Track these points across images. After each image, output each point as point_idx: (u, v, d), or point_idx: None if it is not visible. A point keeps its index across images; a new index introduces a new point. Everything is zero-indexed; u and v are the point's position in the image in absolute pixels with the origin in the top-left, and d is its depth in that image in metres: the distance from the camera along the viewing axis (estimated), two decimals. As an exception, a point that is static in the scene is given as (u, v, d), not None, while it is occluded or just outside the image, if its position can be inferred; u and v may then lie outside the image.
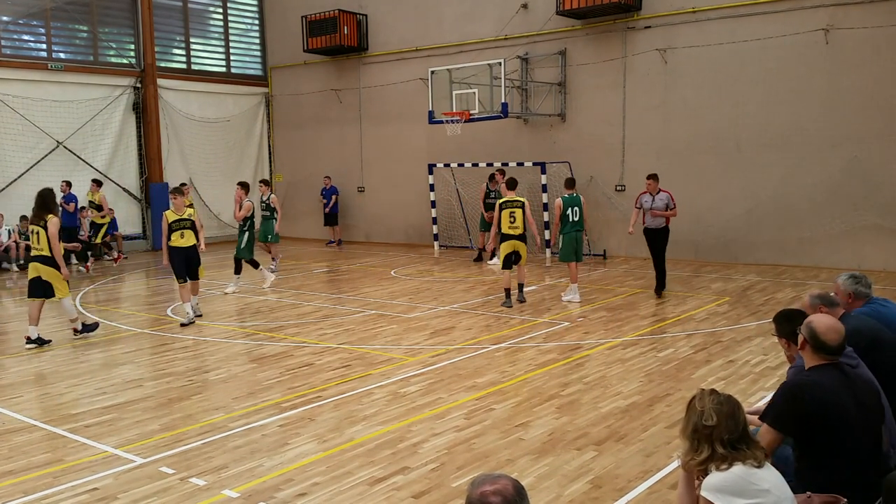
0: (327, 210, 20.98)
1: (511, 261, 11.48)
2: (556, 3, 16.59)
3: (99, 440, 6.05)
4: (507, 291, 11.51)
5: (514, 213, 11.44)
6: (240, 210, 13.46)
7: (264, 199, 15.02)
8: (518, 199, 11.62)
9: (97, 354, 9.07)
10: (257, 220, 14.43)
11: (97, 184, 17.83)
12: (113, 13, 20.42)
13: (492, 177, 16.49)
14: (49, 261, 9.40)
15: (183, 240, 10.80)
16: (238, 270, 13.63)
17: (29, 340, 9.42)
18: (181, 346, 9.43)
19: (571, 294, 11.81)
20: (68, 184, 17.27)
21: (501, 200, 11.69)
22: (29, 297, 9.57)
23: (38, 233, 9.41)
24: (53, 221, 9.33)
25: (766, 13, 14.78)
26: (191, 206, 11.52)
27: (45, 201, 9.53)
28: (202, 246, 11.04)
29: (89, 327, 10.05)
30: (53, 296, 9.53)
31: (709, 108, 15.61)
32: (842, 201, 14.29)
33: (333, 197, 20.94)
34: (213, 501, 4.90)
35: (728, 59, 15.26)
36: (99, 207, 17.74)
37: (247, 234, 13.51)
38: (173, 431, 6.23)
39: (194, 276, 11.05)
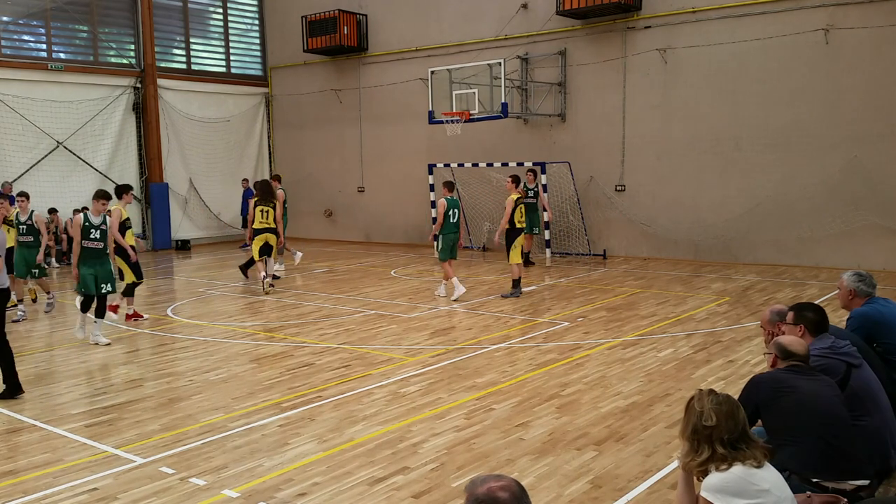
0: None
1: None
2: (556, 3, 16.59)
3: (99, 440, 6.05)
4: (516, 282, 12.23)
5: (523, 209, 12.40)
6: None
7: (23, 219, 11.49)
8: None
9: (97, 354, 9.07)
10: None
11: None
12: (113, 13, 20.42)
13: (531, 171, 15.56)
14: (274, 231, 13.27)
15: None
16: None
17: (268, 283, 13.17)
18: (181, 346, 9.43)
19: (442, 289, 12.31)
20: None
21: (516, 197, 12.26)
22: (260, 256, 13.27)
23: (267, 211, 13.20)
24: (279, 205, 13.37)
25: (766, 13, 14.78)
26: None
27: (269, 188, 13.58)
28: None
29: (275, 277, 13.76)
30: (271, 254, 13.60)
31: (709, 108, 15.61)
32: (842, 201, 14.28)
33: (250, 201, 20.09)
34: (213, 501, 4.90)
35: (728, 59, 15.26)
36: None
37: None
38: (173, 431, 6.23)
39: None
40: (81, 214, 9.52)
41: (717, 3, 15.28)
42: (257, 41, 23.65)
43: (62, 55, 19.53)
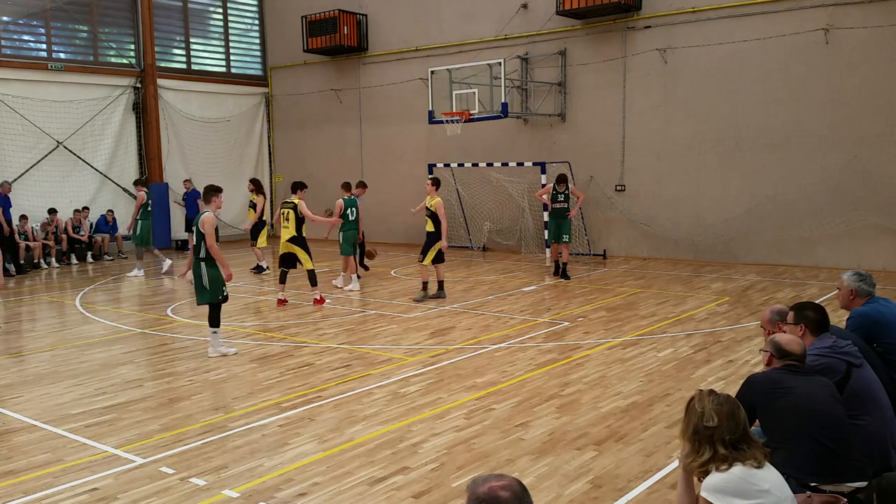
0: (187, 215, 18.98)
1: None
2: (556, 3, 16.59)
3: (99, 440, 6.05)
4: (426, 284, 12.24)
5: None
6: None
7: None
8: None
9: (97, 354, 9.07)
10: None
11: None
12: (113, 13, 20.41)
13: (562, 178, 14.18)
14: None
15: None
16: None
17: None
18: (181, 346, 9.43)
19: (353, 284, 13.31)
20: None
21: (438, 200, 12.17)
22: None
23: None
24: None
25: (766, 13, 14.78)
26: None
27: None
28: None
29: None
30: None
31: (709, 108, 15.61)
32: (842, 201, 14.28)
33: (198, 201, 18.91)
34: (213, 501, 4.90)
35: (728, 59, 15.26)
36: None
37: None
38: (173, 431, 6.23)
39: None
40: (211, 214, 8.76)
41: (717, 3, 15.28)
42: (257, 41, 23.64)
43: (62, 55, 19.52)
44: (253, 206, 16.03)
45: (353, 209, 13.47)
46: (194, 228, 8.81)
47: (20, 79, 18.11)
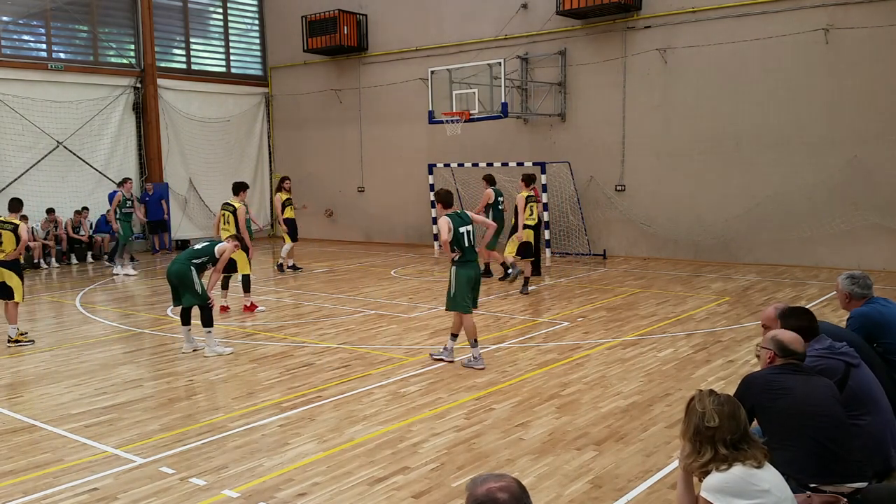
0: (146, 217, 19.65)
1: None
2: (556, 3, 16.59)
3: (99, 440, 6.05)
4: (527, 280, 12.74)
5: (532, 206, 12.75)
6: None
7: None
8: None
9: (97, 354, 9.07)
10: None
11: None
12: (113, 13, 20.42)
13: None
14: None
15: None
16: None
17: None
18: (181, 346, 9.41)
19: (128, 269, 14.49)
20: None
21: (527, 195, 12.67)
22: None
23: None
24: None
25: (766, 13, 14.78)
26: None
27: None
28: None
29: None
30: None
31: (709, 108, 15.61)
32: (842, 201, 14.29)
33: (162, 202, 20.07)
34: (213, 501, 4.90)
35: (728, 59, 15.26)
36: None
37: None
38: (173, 431, 6.23)
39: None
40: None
41: (717, 3, 15.28)
42: (257, 41, 23.64)
43: (62, 55, 19.52)
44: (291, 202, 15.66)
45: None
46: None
47: (20, 79, 18.11)
